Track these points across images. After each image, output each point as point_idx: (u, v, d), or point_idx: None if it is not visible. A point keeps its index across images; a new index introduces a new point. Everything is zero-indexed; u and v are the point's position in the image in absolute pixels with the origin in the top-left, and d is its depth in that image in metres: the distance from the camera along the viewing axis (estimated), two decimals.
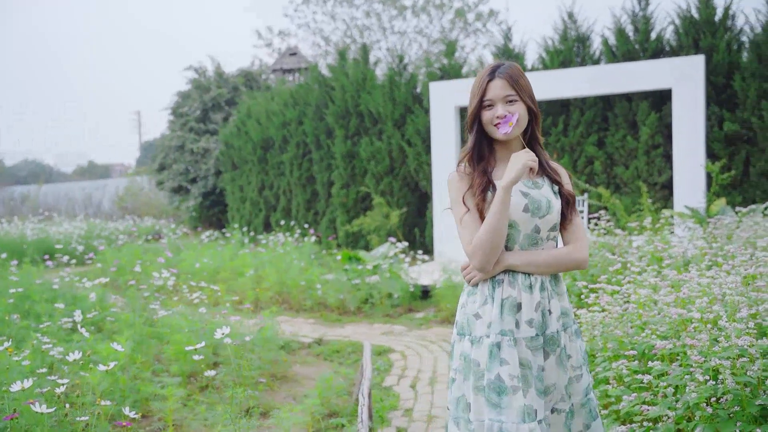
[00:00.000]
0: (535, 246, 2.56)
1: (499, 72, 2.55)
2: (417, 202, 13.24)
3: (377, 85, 13.52)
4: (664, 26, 11.25)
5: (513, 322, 2.48)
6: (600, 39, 11.63)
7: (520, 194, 2.54)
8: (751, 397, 2.82)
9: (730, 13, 10.82)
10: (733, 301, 3.20)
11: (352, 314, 8.81)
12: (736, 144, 10.45)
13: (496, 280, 2.53)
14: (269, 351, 5.99)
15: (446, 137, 11.69)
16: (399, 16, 27.70)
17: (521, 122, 2.54)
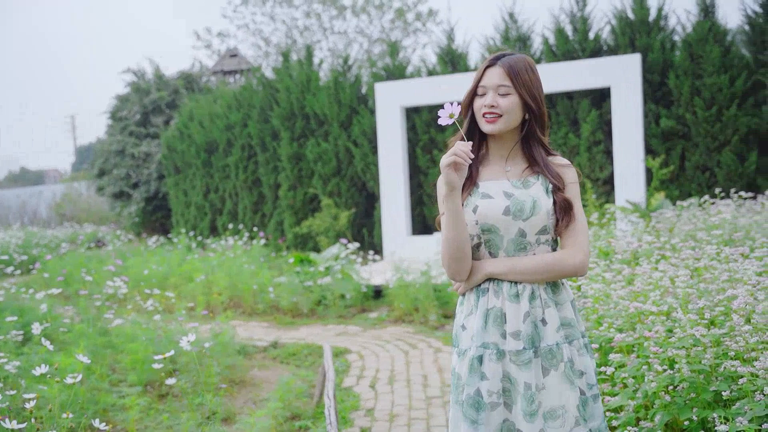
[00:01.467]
0: (523, 251, 2.33)
1: (502, 60, 2.34)
2: (365, 202, 13.30)
3: (322, 87, 13.54)
4: (601, 26, 11.58)
5: (498, 334, 2.29)
6: (540, 39, 11.90)
7: (503, 195, 2.34)
8: (705, 384, 2.97)
9: (663, 14, 11.20)
10: (685, 293, 3.36)
11: (306, 316, 8.82)
12: (672, 139, 10.82)
13: (480, 290, 2.36)
14: (227, 356, 5.98)
15: (393, 138, 11.79)
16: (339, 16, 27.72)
17: (510, 117, 2.32)
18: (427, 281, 8.27)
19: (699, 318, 3.13)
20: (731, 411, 2.75)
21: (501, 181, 2.38)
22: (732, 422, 2.63)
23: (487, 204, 2.33)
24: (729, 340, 2.99)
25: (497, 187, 2.36)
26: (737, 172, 10.31)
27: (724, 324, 3.17)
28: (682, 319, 3.09)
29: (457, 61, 12.46)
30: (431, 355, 6.61)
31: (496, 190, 2.35)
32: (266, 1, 28.08)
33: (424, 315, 8.10)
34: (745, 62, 10.53)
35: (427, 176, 12.45)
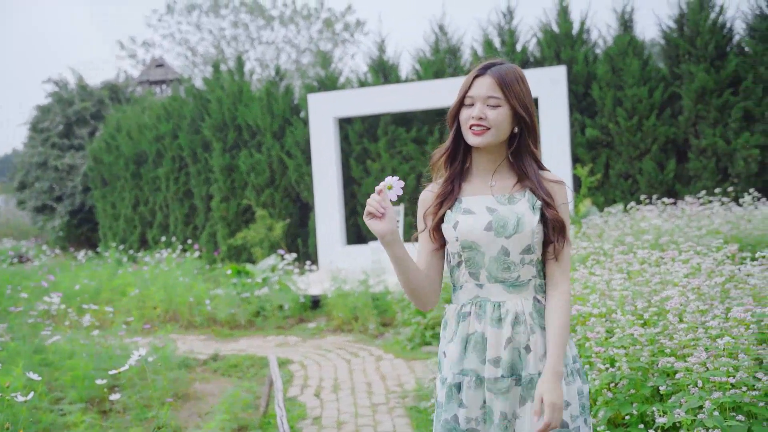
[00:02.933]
0: (506, 272, 2.18)
1: (492, 70, 2.21)
2: (299, 213, 13.33)
3: (254, 97, 13.51)
4: (528, 39, 11.97)
5: (478, 361, 2.18)
6: (470, 50, 12.20)
7: (486, 210, 2.21)
8: (643, 380, 3.17)
9: (585, 28, 11.67)
10: (621, 296, 3.56)
11: (244, 328, 8.80)
12: (597, 148, 11.26)
13: (461, 313, 2.23)
14: (169, 370, 5.93)
15: (326, 148, 11.87)
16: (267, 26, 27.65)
17: (498, 130, 2.18)
18: (366, 290, 8.37)
19: (636, 318, 3.33)
20: (668, 404, 2.94)
21: (485, 197, 2.24)
22: (670, 414, 2.82)
23: (468, 219, 2.20)
24: (664, 339, 3.19)
25: (480, 203, 2.23)
26: (657, 179, 10.81)
27: (658, 323, 3.38)
28: (621, 319, 3.28)
29: (389, 72, 12.65)
30: (373, 363, 6.71)
31: (478, 206, 2.22)
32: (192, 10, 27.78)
33: (363, 324, 8.19)
34: (662, 75, 11.05)
35: (361, 186, 12.57)
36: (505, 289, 2.19)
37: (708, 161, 10.58)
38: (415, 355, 6.77)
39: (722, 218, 6.81)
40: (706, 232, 6.12)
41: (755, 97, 10.43)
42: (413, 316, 7.31)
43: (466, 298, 2.24)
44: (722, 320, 3.14)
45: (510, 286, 2.19)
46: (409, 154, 12.23)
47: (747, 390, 2.70)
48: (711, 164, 10.55)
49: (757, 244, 6.15)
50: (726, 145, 10.49)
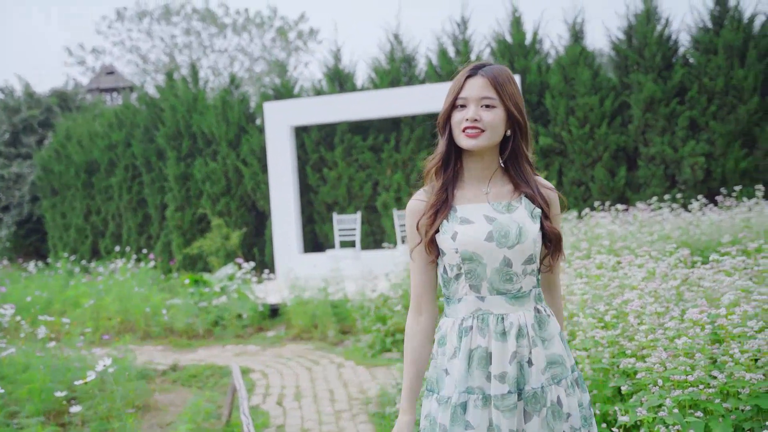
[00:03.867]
0: (509, 283, 2.10)
1: (483, 70, 2.11)
2: (255, 221, 13.27)
3: (209, 106, 13.43)
4: (482, 48, 12.15)
5: (483, 377, 2.07)
6: (425, 60, 12.33)
7: (484, 220, 2.11)
8: (605, 380, 3.27)
9: (538, 38, 11.90)
10: (582, 300, 3.67)
11: (202, 338, 8.73)
12: (550, 156, 11.48)
13: (463, 328, 2.11)
14: (128, 381, 5.87)
15: (282, 156, 11.86)
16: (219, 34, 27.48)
17: (494, 133, 2.09)
18: (325, 298, 8.39)
19: (597, 321, 3.44)
20: (629, 404, 3.04)
21: (481, 204, 2.14)
22: (632, 413, 2.92)
23: (467, 230, 2.09)
24: (624, 340, 3.30)
25: (477, 211, 2.12)
26: (609, 186, 11.07)
27: (617, 326, 3.49)
28: (583, 322, 3.38)
29: (345, 80, 12.70)
30: (334, 370, 6.73)
31: (476, 214, 2.12)
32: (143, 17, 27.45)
33: (322, 332, 8.20)
34: (612, 84, 11.34)
35: (318, 194, 12.58)
36: (508, 301, 2.10)
37: (657, 169, 10.89)
38: (376, 362, 6.82)
39: (673, 224, 7.03)
40: (658, 237, 6.31)
41: (700, 107, 10.77)
42: (373, 323, 7.35)
43: (466, 311, 2.12)
44: (678, 321, 3.26)
45: (512, 297, 2.10)
46: (365, 162, 12.29)
47: (704, 388, 2.81)
48: (659, 171, 10.86)
49: (705, 248, 6.36)
50: (673, 152, 10.81)
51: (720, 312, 3.03)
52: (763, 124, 10.61)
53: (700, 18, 11.17)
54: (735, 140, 10.64)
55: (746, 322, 2.99)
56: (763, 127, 10.60)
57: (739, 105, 10.60)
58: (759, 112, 10.60)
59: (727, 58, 10.66)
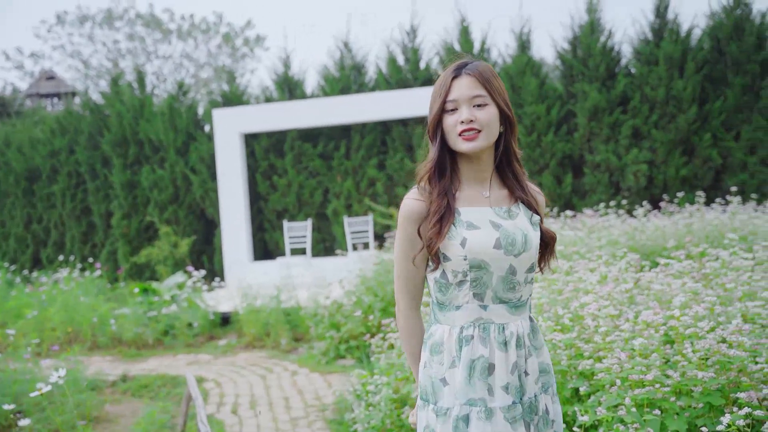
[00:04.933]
0: (511, 292, 2.05)
1: (467, 69, 2.04)
2: (204, 229, 13.12)
3: (156, 112, 13.24)
4: (431, 57, 12.29)
5: (485, 389, 2.01)
6: (374, 68, 12.40)
7: (490, 225, 2.03)
8: (563, 382, 3.35)
9: (486, 47, 12.10)
10: (539, 304, 3.75)
11: (152, 347, 8.59)
12: None
13: (463, 337, 2.04)
14: (78, 393, 5.74)
15: (232, 164, 11.78)
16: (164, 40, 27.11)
17: (490, 131, 2.02)
18: (278, 306, 8.35)
19: (555, 324, 3.52)
20: (588, 404, 3.12)
21: (483, 208, 2.07)
22: (591, 413, 3.00)
23: (475, 236, 2.01)
24: (581, 343, 3.39)
25: (482, 216, 2.05)
26: (556, 193, 11.30)
27: (574, 329, 3.58)
28: (542, 326, 3.46)
29: (295, 87, 12.69)
30: (289, 378, 6.71)
31: (481, 220, 2.04)
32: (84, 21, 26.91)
33: (275, 339, 8.16)
34: (558, 93, 11.59)
35: (268, 202, 12.52)
36: (508, 310, 2.05)
37: (602, 176, 11.16)
38: (331, 369, 6.82)
39: (620, 230, 7.22)
40: (606, 243, 6.48)
41: (642, 116, 11.09)
42: (327, 330, 7.35)
43: (466, 319, 2.04)
44: (633, 324, 3.36)
45: (513, 306, 2.05)
46: (315, 169, 12.29)
47: (659, 387, 2.91)
48: (604, 179, 11.13)
49: (651, 253, 6.56)
50: (617, 160, 11.10)
51: (674, 314, 3.14)
52: (701, 133, 10.98)
53: (642, 30, 11.51)
54: (675, 148, 10.98)
55: (697, 323, 3.11)
56: (701, 135, 10.96)
57: (679, 114, 10.95)
58: (697, 121, 10.96)
59: (667, 69, 11.00)
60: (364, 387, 4.50)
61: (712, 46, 11.16)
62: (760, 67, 10.89)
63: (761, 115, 10.78)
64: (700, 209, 7.81)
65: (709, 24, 11.36)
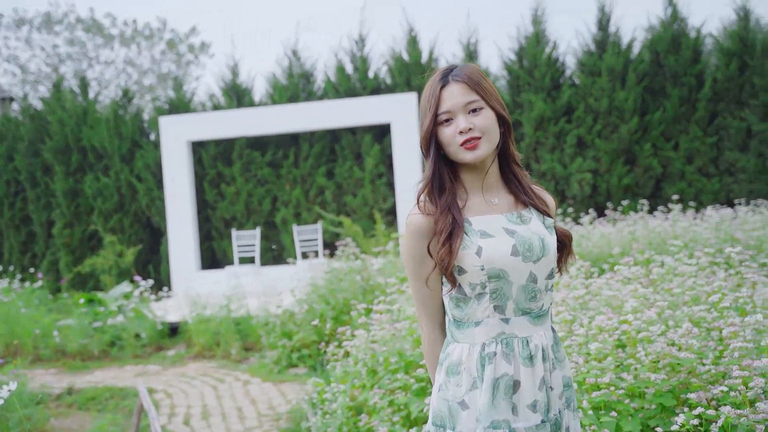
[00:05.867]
0: (533, 302, 1.92)
1: (454, 75, 1.94)
2: (150, 238, 12.90)
3: (101, 119, 12.97)
4: (379, 66, 12.36)
5: (509, 409, 1.87)
6: (323, 76, 12.42)
7: (504, 232, 1.92)
8: None
9: (434, 56, 12.23)
10: None
11: (98, 359, 8.41)
12: None
13: (485, 354, 1.90)
14: (23, 407, 5.59)
15: (179, 172, 11.64)
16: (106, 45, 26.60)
17: (491, 136, 1.93)
18: (228, 315, 8.27)
19: None
20: None
21: (494, 216, 1.96)
22: None
23: (490, 244, 1.90)
24: None
25: (495, 224, 1.94)
26: None
27: None
28: None
29: (243, 95, 12.61)
30: (241, 387, 6.65)
31: (494, 227, 1.93)
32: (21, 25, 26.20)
33: (225, 349, 8.08)
34: (505, 102, 11.75)
35: (215, 210, 12.39)
36: (531, 321, 1.92)
37: (548, 184, 11.38)
38: (283, 378, 6.79)
39: None
40: None
41: (586, 126, 11.37)
42: (279, 339, 7.32)
43: (487, 336, 1.90)
44: (587, 329, 3.45)
45: (535, 317, 1.93)
46: (264, 177, 12.22)
47: (614, 389, 3.00)
48: (551, 187, 11.36)
49: (597, 259, 6.72)
50: (563, 169, 11.35)
51: (628, 318, 3.24)
52: (642, 143, 11.31)
53: (585, 42, 11.80)
54: (618, 158, 11.27)
55: (649, 327, 3.21)
56: (642, 145, 11.29)
57: (621, 124, 11.25)
58: (638, 131, 11.29)
59: (609, 81, 11.30)
60: (320, 395, 4.50)
61: (651, 58, 11.51)
62: (696, 79, 11.28)
63: (698, 126, 11.17)
64: (644, 217, 8.04)
65: (648, 37, 11.72)
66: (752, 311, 3.54)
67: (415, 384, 3.79)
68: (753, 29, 11.30)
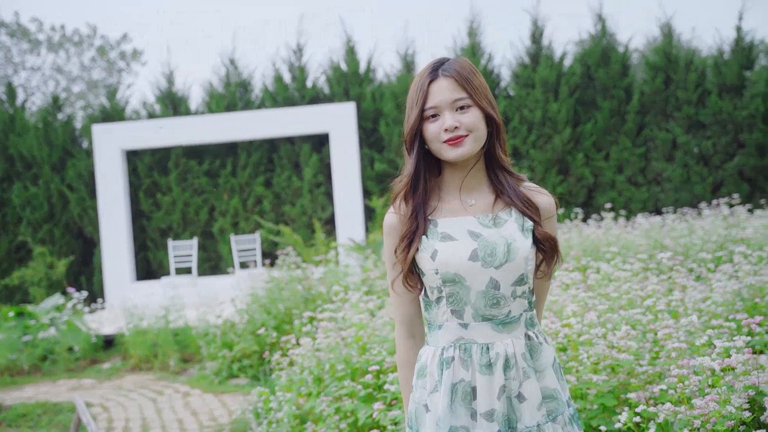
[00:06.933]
0: (495, 308, 1.86)
1: (445, 69, 1.88)
2: (83, 249, 12.57)
3: (29, 126, 12.60)
4: (318, 76, 12.39)
5: (467, 415, 1.85)
6: (261, 85, 12.37)
7: (468, 236, 1.87)
8: None
9: (372, 67, 12.33)
10: None
11: (29, 374, 8.15)
12: (385, 181, 11.88)
13: (444, 359, 1.87)
14: None
15: (113, 181, 11.41)
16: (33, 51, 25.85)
17: (478, 135, 1.87)
18: (166, 326, 8.14)
19: None
20: None
21: (464, 218, 1.90)
22: None
23: (448, 248, 1.86)
24: None
25: (460, 226, 1.89)
26: None
27: None
28: None
29: (179, 103, 12.45)
30: (181, 399, 6.56)
31: (459, 230, 1.88)
32: None
33: (163, 361, 7.94)
34: None
35: (151, 220, 12.18)
36: (494, 328, 1.86)
37: None
38: (224, 389, 6.72)
39: None
40: None
41: (521, 136, 11.63)
42: (219, 349, 7.24)
43: (447, 340, 1.88)
44: None
45: (499, 324, 1.87)
46: (201, 187, 12.08)
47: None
48: None
49: None
50: None
51: (570, 322, 3.35)
52: (574, 153, 11.63)
53: (519, 55, 12.09)
54: (552, 167, 11.57)
55: (590, 330, 3.32)
56: (574, 155, 11.61)
57: (555, 135, 11.56)
58: (571, 141, 11.61)
59: (543, 92, 11.60)
60: (266, 404, 4.49)
61: (582, 71, 11.86)
62: (624, 92, 11.69)
63: (627, 137, 11.56)
64: (578, 225, 8.28)
65: (579, 51, 12.08)
66: (684, 314, 3.71)
67: (362, 390, 3.82)
68: (676, 45, 11.78)
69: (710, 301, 3.76)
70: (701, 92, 11.46)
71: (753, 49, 11.60)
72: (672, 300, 3.80)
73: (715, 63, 11.49)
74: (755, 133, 11.11)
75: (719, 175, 11.36)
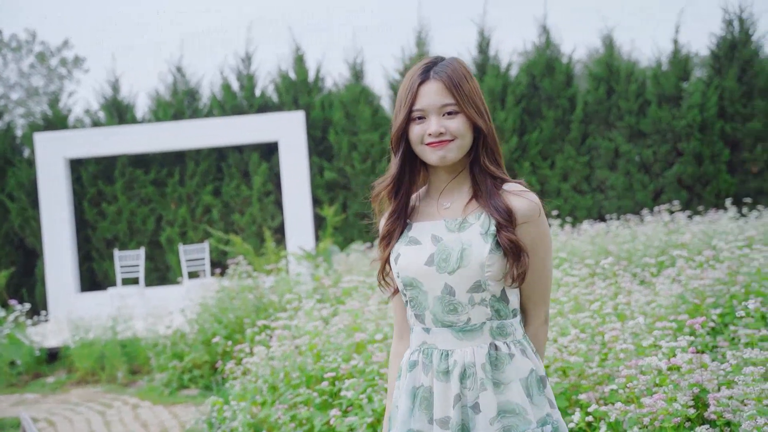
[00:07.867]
0: (453, 314, 1.83)
1: (436, 71, 1.84)
2: (23, 260, 12.26)
3: None
4: (266, 84, 12.35)
5: (425, 420, 1.85)
6: (209, 93, 12.27)
7: (431, 240, 1.86)
8: None
9: (320, 75, 12.36)
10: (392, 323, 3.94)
11: None
12: (335, 190, 11.91)
13: (410, 362, 1.90)
14: None
15: (56, 191, 11.16)
16: None
17: (463, 141, 1.84)
18: (113, 337, 8.00)
19: None
20: None
21: (434, 222, 1.89)
22: None
23: (409, 252, 1.88)
24: None
25: (428, 230, 1.88)
26: None
27: None
28: None
29: (124, 112, 12.26)
30: (130, 412, 6.46)
31: (425, 234, 1.88)
32: None
33: (111, 373, 7.80)
34: (390, 121, 12.03)
35: (96, 230, 11.95)
36: (454, 335, 1.83)
37: None
38: (175, 400, 6.64)
39: None
40: None
41: None
42: (169, 360, 7.15)
43: (415, 343, 1.91)
44: None
45: (459, 331, 1.83)
46: (148, 196, 11.91)
47: None
48: None
49: None
50: None
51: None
52: (521, 161, 11.85)
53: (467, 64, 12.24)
54: None
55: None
56: (521, 163, 11.83)
57: (502, 143, 11.70)
58: (518, 150, 11.83)
59: (491, 102, 11.79)
60: (219, 414, 4.47)
61: (528, 81, 12.10)
62: (569, 102, 11.96)
63: (571, 146, 11.83)
64: None
65: (524, 61, 12.32)
66: (631, 316, 3.83)
67: (318, 398, 3.84)
68: (617, 57, 12.12)
69: (655, 303, 3.89)
70: (642, 102, 11.80)
71: (689, 62, 12.01)
72: (618, 303, 3.92)
73: (654, 74, 11.85)
74: (693, 142, 11.49)
75: (660, 183, 11.71)
